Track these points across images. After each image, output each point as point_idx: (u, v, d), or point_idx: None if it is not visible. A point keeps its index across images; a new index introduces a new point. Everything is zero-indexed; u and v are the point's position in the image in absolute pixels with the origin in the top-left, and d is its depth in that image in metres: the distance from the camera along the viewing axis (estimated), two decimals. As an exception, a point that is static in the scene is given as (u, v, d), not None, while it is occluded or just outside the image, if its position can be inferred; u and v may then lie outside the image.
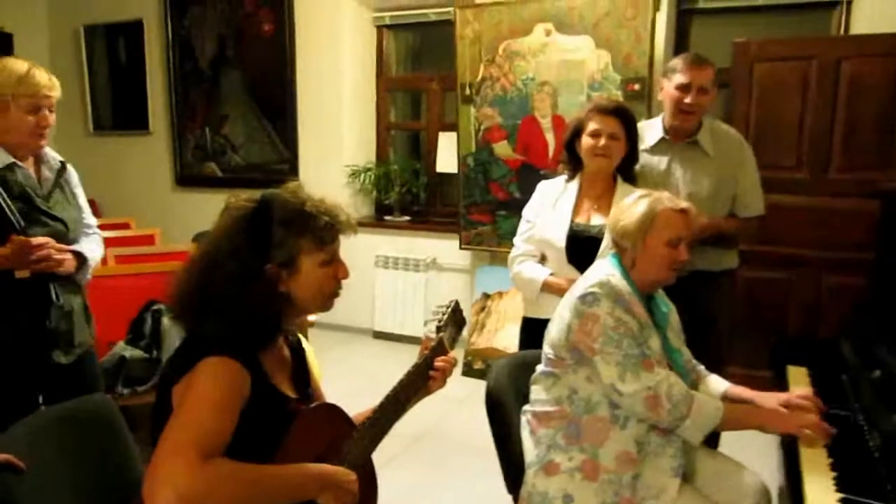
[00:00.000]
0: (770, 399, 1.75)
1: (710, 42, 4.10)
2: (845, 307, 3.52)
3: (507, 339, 4.10)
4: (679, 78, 2.35)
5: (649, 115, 3.25)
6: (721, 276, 2.47)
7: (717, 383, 1.87)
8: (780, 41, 3.63)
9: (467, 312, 4.32)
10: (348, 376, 4.09)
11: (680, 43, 4.11)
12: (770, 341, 2.20)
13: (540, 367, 1.84)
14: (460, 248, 4.37)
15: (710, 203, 2.38)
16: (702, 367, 1.93)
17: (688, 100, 2.34)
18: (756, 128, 3.61)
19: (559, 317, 1.78)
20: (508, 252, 4.15)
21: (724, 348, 2.54)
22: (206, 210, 1.66)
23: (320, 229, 1.29)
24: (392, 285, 4.77)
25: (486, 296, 4.30)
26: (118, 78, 5.75)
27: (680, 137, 2.44)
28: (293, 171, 5.09)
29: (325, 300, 1.36)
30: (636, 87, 3.52)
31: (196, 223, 4.63)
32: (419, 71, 5.27)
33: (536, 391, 1.82)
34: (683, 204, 1.77)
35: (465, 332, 4.25)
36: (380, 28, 5.09)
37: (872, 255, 3.42)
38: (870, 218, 3.43)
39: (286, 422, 1.26)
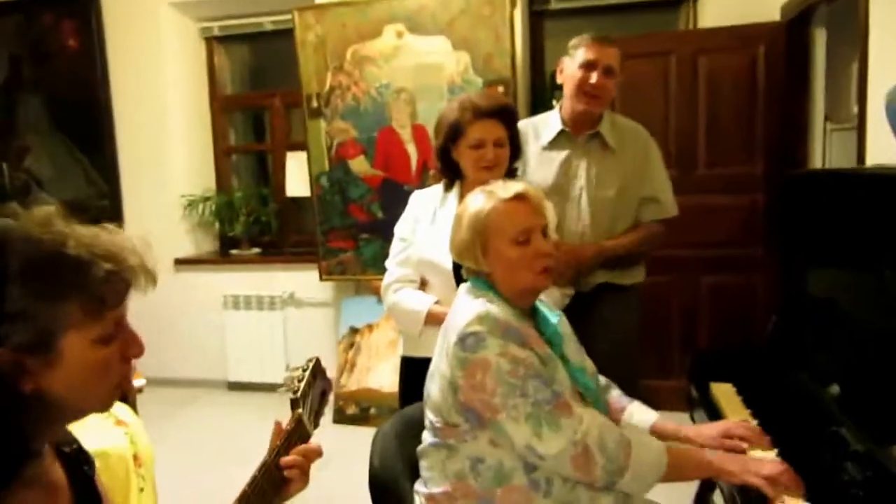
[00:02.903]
0: (709, 430, 1.46)
1: (564, 43, 3.93)
2: (724, 307, 3.46)
3: (381, 377, 3.66)
4: (583, 54, 2.06)
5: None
6: (629, 289, 2.20)
7: (642, 414, 1.53)
8: (638, 37, 3.54)
9: (333, 350, 3.93)
10: (202, 439, 3.47)
11: (535, 45, 3.94)
12: (689, 354, 1.96)
13: (426, 437, 1.41)
14: (320, 279, 3.88)
15: (614, 206, 2.12)
16: (616, 392, 1.59)
17: (593, 80, 2.04)
18: (622, 128, 3.49)
19: (437, 372, 1.37)
20: (375, 280, 3.81)
21: (638, 365, 2.28)
22: None
23: (95, 286, 0.80)
24: (245, 328, 4.17)
25: (354, 330, 3.85)
26: None
27: (581, 129, 2.15)
28: (115, 206, 4.36)
29: (107, 395, 0.86)
30: (500, 89, 3.25)
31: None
32: (259, 89, 4.74)
33: (428, 467, 1.40)
34: (516, 187, 1.41)
35: (333, 373, 3.80)
36: (209, 40, 4.51)
37: (754, 250, 3.40)
38: (740, 213, 3.39)
39: None
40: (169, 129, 4.31)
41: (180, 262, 4.25)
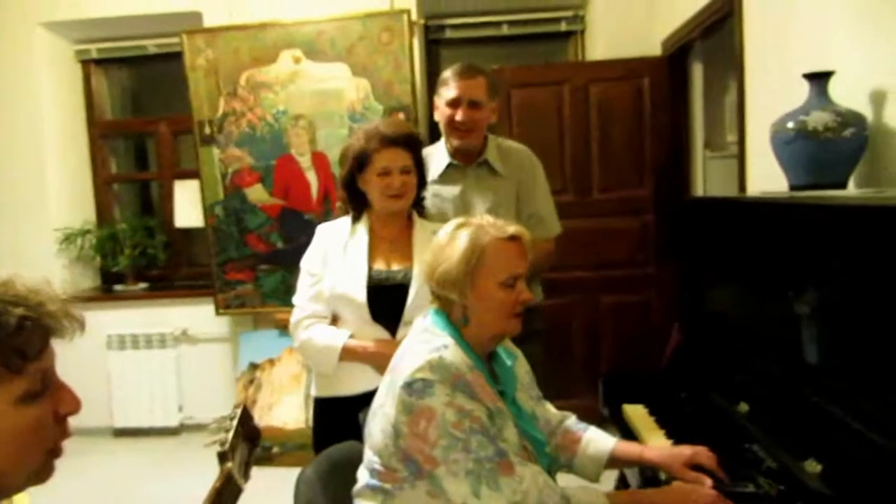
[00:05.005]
0: (676, 456, 1.41)
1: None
2: (623, 324, 3.60)
3: (285, 413, 3.52)
4: (448, 92, 2.12)
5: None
6: (533, 313, 2.23)
7: (600, 442, 1.49)
8: (533, 67, 3.66)
9: (231, 388, 3.74)
10: (89, 493, 3.17)
11: (432, 72, 3.98)
12: (596, 374, 2.00)
13: (363, 477, 1.34)
14: (217, 313, 3.69)
15: None
16: (572, 420, 1.55)
17: (458, 116, 2.09)
18: (519, 154, 3.57)
19: (381, 411, 1.31)
20: (277, 312, 3.66)
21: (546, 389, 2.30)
22: None
23: (9, 335, 0.71)
24: (133, 369, 3.89)
25: (254, 366, 3.68)
26: None
27: (469, 159, 2.19)
28: (-20, 242, 3.97)
29: (41, 464, 0.76)
30: (401, 115, 3.25)
31: None
32: (142, 115, 4.49)
33: None
34: (511, 229, 1.37)
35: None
36: (86, 63, 4.23)
37: (647, 270, 3.55)
38: (633, 234, 3.55)
39: None
40: (42, 157, 3.98)
41: (57, 301, 3.91)
